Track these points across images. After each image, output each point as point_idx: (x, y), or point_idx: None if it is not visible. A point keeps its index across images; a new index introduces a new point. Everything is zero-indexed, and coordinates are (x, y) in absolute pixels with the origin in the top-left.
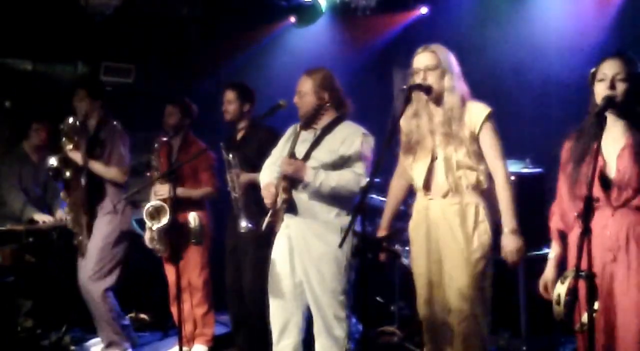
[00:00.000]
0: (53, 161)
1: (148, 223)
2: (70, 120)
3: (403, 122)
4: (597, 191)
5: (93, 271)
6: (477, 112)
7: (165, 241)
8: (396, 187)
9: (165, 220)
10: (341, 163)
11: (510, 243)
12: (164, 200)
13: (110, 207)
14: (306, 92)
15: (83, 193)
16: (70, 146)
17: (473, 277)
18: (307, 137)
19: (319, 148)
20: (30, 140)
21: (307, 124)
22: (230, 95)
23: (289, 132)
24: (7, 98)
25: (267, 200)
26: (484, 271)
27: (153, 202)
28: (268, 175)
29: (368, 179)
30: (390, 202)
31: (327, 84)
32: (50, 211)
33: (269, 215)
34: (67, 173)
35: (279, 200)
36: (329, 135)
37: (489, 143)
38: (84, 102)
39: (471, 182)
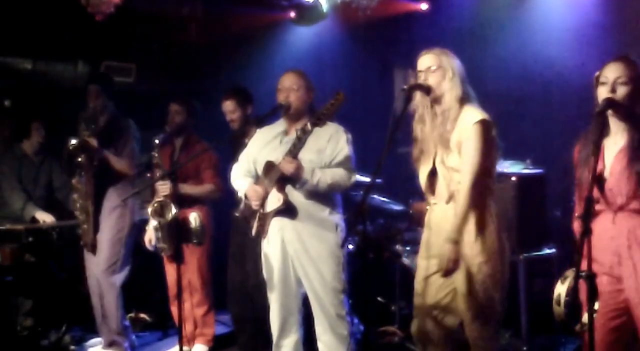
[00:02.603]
0: (73, 142)
1: (154, 222)
2: (89, 109)
3: (415, 127)
4: (597, 194)
5: (107, 265)
6: (469, 117)
7: (169, 240)
8: None
9: (170, 215)
10: (330, 161)
11: (446, 254)
12: (166, 197)
13: (116, 199)
14: (299, 86)
15: (93, 181)
16: (87, 133)
17: (478, 282)
18: (288, 139)
19: (305, 149)
20: (31, 140)
21: (294, 122)
22: (230, 106)
23: (265, 136)
24: (7, 97)
25: (255, 202)
26: (491, 275)
27: (157, 199)
28: (246, 181)
29: (357, 175)
30: None
31: (312, 83)
32: (61, 208)
33: (257, 219)
34: (80, 158)
35: (279, 201)
36: (312, 135)
37: (466, 150)
38: (99, 97)
39: None
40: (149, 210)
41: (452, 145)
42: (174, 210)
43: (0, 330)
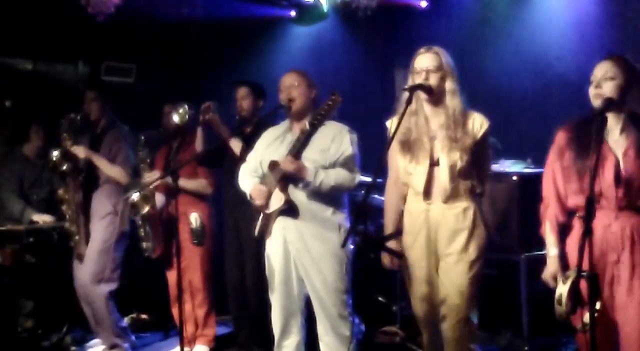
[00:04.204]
0: (55, 153)
1: (133, 217)
2: (72, 116)
3: (407, 118)
4: (607, 190)
5: (94, 274)
6: (481, 122)
7: (154, 238)
8: (394, 196)
9: (146, 209)
10: (334, 161)
11: None
12: (154, 189)
13: (108, 207)
14: (300, 83)
15: (81, 190)
16: (70, 142)
17: (469, 279)
18: (292, 138)
19: (309, 148)
20: (31, 143)
21: (298, 121)
22: (243, 91)
23: (270, 135)
24: (7, 98)
25: (259, 201)
26: (479, 273)
27: (136, 193)
28: (251, 181)
29: (361, 176)
30: (390, 210)
31: (313, 81)
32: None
33: (260, 219)
34: (64, 167)
35: (281, 201)
36: (316, 134)
37: (483, 157)
38: (95, 103)
39: (468, 188)
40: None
41: (467, 148)
42: (158, 204)
43: (1, 331)
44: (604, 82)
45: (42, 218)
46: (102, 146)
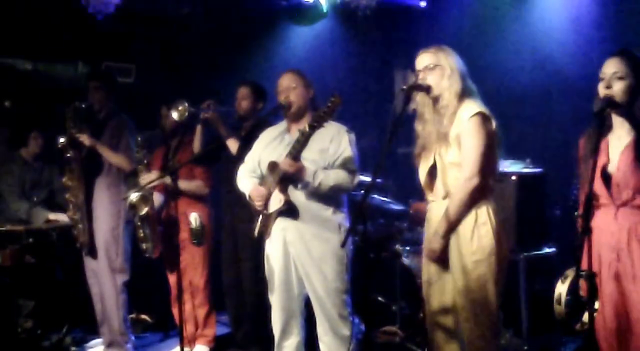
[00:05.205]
0: (62, 140)
1: (132, 217)
2: (76, 104)
3: (416, 127)
4: (600, 188)
5: (106, 264)
6: (466, 111)
7: (153, 238)
8: None
9: (144, 209)
10: (332, 161)
11: (431, 242)
12: (150, 189)
13: (111, 196)
14: (297, 84)
15: (82, 177)
16: (75, 130)
17: (473, 280)
18: (291, 139)
19: (308, 149)
20: (30, 148)
21: (296, 122)
22: (244, 91)
23: (268, 136)
24: (7, 98)
25: (259, 202)
26: (487, 274)
27: (135, 193)
28: (250, 182)
29: (360, 176)
30: None
31: (310, 81)
32: (61, 211)
33: (260, 220)
34: (70, 153)
35: (281, 202)
36: (315, 134)
37: (465, 143)
38: (98, 92)
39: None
40: (127, 204)
41: (451, 139)
42: (155, 203)
43: (1, 331)
44: (614, 82)
45: (60, 217)
46: (104, 135)
